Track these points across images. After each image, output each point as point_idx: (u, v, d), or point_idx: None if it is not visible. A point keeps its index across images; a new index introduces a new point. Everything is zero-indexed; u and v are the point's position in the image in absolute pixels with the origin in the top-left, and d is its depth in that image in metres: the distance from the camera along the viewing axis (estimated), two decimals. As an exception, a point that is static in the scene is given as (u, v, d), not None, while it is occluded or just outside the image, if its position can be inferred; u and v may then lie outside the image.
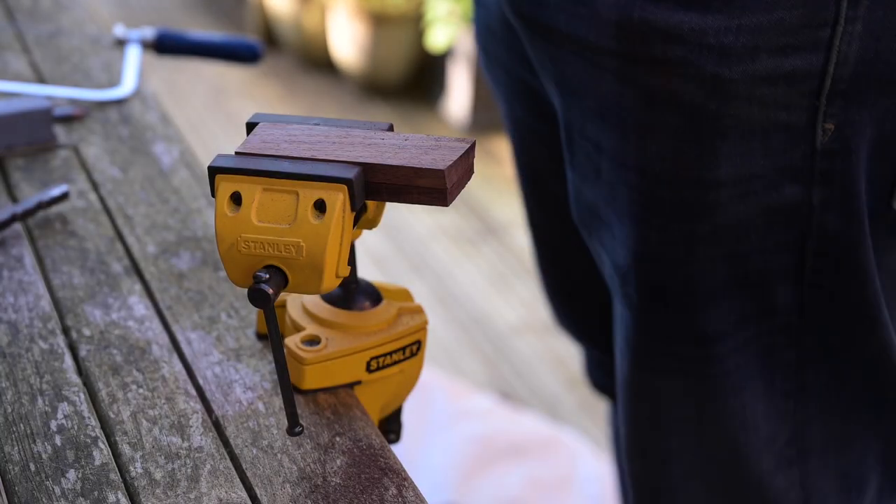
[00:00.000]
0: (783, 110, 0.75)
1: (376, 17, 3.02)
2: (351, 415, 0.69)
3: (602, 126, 0.82)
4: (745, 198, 0.79)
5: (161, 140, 0.99)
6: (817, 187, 0.78)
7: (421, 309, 0.72)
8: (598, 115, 0.82)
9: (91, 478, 0.63)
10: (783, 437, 0.90)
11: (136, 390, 0.70)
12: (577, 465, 1.83)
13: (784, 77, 0.74)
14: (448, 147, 0.62)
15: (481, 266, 2.45)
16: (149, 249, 0.84)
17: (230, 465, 0.65)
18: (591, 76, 0.80)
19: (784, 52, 0.73)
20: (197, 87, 3.27)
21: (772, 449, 0.90)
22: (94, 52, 1.15)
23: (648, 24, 0.74)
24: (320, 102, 3.18)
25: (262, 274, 0.60)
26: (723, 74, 0.74)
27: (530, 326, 2.23)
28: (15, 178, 0.92)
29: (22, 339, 0.74)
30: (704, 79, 0.74)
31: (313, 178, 0.60)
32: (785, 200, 0.79)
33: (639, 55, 0.76)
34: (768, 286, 0.83)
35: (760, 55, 0.73)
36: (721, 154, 0.77)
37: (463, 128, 2.98)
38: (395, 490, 0.63)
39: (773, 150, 0.77)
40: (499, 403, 1.98)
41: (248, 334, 0.76)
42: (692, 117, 0.76)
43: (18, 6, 1.25)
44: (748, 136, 0.76)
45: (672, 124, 0.77)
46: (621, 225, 0.84)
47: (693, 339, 0.86)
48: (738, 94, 0.75)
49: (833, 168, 0.78)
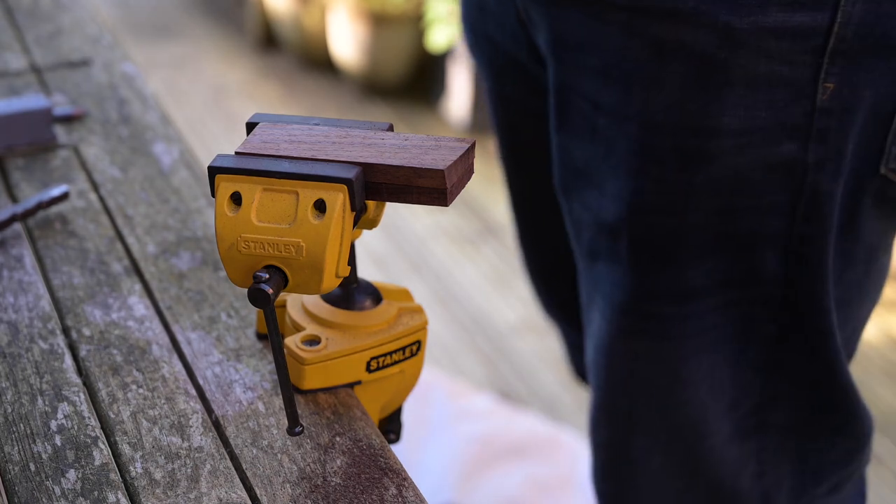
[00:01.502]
0: (787, 65, 0.77)
1: (376, 17, 3.02)
2: (351, 415, 0.69)
3: (603, 82, 0.83)
4: (744, 150, 0.81)
5: (161, 140, 0.99)
6: (813, 145, 0.80)
7: (421, 309, 0.72)
8: (599, 72, 0.83)
9: (91, 478, 0.63)
10: (746, 405, 0.91)
11: (136, 390, 0.70)
12: (577, 465, 1.83)
13: (791, 31, 0.76)
14: (448, 147, 0.62)
15: (481, 266, 2.45)
16: (149, 249, 0.84)
17: (230, 465, 0.65)
18: (595, 32, 0.82)
19: (793, 7, 0.75)
20: (197, 87, 3.27)
21: (732, 416, 0.91)
22: (94, 52, 1.15)
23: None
24: (320, 102, 3.18)
25: (262, 274, 0.60)
26: (733, 24, 0.76)
27: (530, 326, 2.23)
28: (15, 178, 0.92)
29: (22, 339, 0.74)
30: (716, 27, 0.77)
31: (313, 178, 0.60)
32: (782, 156, 0.81)
33: (649, 6, 0.78)
34: (756, 250, 0.85)
35: (770, 8, 0.75)
36: (726, 104, 0.79)
37: (463, 128, 2.98)
38: (395, 490, 0.63)
39: (776, 104, 0.79)
40: (498, 403, 1.98)
41: (248, 334, 0.76)
42: (700, 66, 0.79)
43: (18, 6, 1.25)
44: (753, 87, 0.78)
45: (679, 74, 0.80)
46: (615, 179, 0.86)
47: (677, 294, 0.87)
48: (746, 45, 0.77)
49: (829, 127, 0.79)
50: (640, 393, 0.94)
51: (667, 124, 0.82)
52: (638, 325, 0.90)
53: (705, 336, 0.89)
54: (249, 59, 3.44)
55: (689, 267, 0.86)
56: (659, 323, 0.89)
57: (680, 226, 0.85)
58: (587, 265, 0.93)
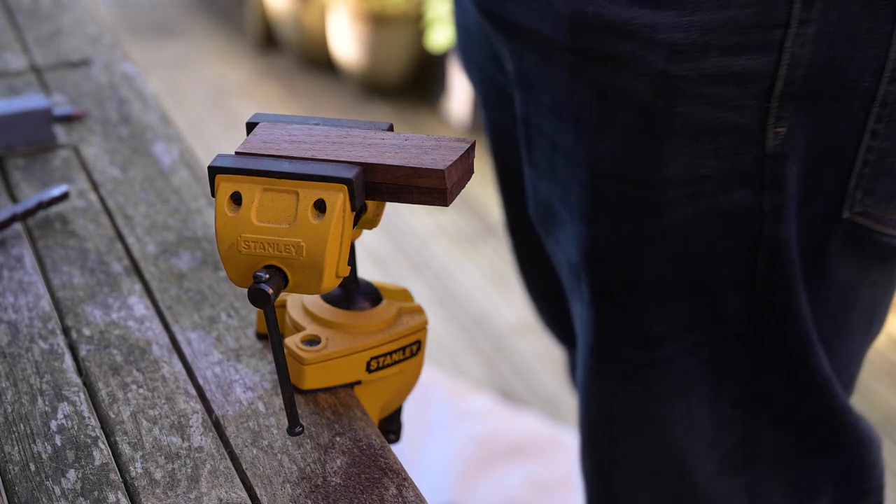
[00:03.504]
0: (733, 111, 0.74)
1: (376, 17, 3.02)
2: (351, 415, 0.69)
3: (557, 122, 0.81)
4: (693, 199, 0.78)
5: (161, 140, 0.99)
6: (768, 192, 0.77)
7: (421, 309, 0.72)
8: (553, 111, 0.81)
9: (91, 478, 0.63)
10: (730, 442, 0.89)
11: (136, 390, 0.70)
12: (576, 465, 1.83)
13: (734, 77, 0.73)
14: (448, 147, 0.62)
15: (481, 266, 2.45)
16: (149, 249, 0.84)
17: (230, 465, 0.65)
18: (547, 71, 0.80)
19: (734, 52, 0.72)
20: (197, 87, 3.27)
21: (716, 454, 0.89)
22: (94, 52, 1.15)
23: (601, 19, 0.74)
24: (320, 102, 3.18)
25: (262, 274, 0.60)
26: (672, 71, 0.73)
27: (530, 326, 2.23)
28: (15, 178, 0.92)
29: (22, 339, 0.74)
30: (653, 75, 0.73)
31: (313, 178, 0.60)
32: (735, 204, 0.78)
33: (591, 50, 0.76)
34: (719, 292, 0.82)
35: (710, 53, 0.72)
36: (669, 153, 0.76)
37: (463, 128, 2.98)
38: (395, 490, 0.63)
39: (723, 151, 0.76)
40: (499, 403, 1.98)
41: (248, 334, 0.76)
42: (641, 114, 0.76)
43: (18, 6, 1.25)
44: (697, 135, 0.75)
45: (622, 121, 0.77)
46: (573, 223, 0.84)
47: (640, 340, 0.85)
48: (686, 93, 0.74)
49: (784, 173, 0.76)
50: (616, 432, 0.92)
51: (613, 172, 0.79)
52: (605, 366, 0.88)
53: (676, 379, 0.86)
54: (249, 59, 3.44)
55: (650, 314, 0.84)
56: (627, 367, 0.87)
57: (635, 274, 0.82)
58: (569, 297, 0.92)
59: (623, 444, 0.93)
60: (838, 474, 0.91)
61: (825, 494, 0.92)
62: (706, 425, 0.88)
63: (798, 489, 0.92)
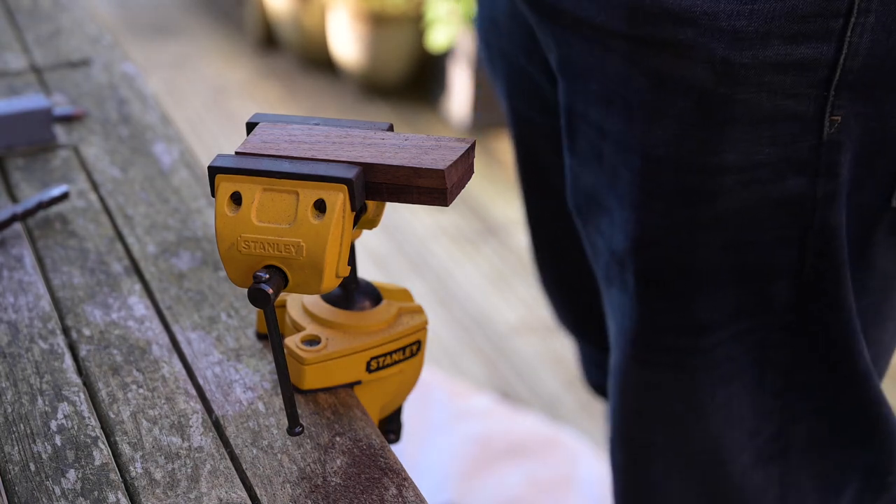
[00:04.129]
0: (792, 99, 0.75)
1: (376, 17, 3.02)
2: (351, 415, 0.69)
3: (607, 110, 0.81)
4: (748, 186, 0.79)
5: (161, 140, 0.99)
6: (821, 180, 0.78)
7: (421, 309, 0.72)
8: (603, 98, 0.81)
9: (91, 478, 0.63)
10: (767, 432, 0.90)
11: (136, 390, 0.70)
12: (577, 465, 1.83)
13: (794, 65, 0.74)
14: (448, 147, 0.62)
15: (481, 266, 2.45)
16: (149, 249, 0.84)
17: (230, 465, 0.65)
18: (598, 59, 0.80)
19: (795, 40, 0.73)
20: (197, 87, 3.26)
21: (754, 443, 0.90)
22: (94, 52, 1.15)
23: (660, 6, 0.74)
24: (320, 102, 3.18)
25: (262, 274, 0.60)
26: (733, 59, 0.74)
27: (530, 326, 2.23)
28: (15, 178, 0.92)
29: (22, 339, 0.74)
30: (715, 62, 0.74)
31: (313, 178, 0.60)
32: (789, 192, 0.79)
33: (649, 38, 0.76)
34: (767, 281, 0.83)
35: (772, 41, 0.73)
36: (727, 140, 0.77)
37: (463, 128, 2.98)
38: (395, 490, 0.63)
39: (780, 139, 0.77)
40: (499, 403, 1.98)
41: (248, 334, 0.76)
42: (700, 101, 0.76)
43: (18, 6, 1.25)
44: (756, 123, 0.76)
45: (679, 108, 0.77)
46: (621, 210, 0.84)
47: (687, 328, 0.86)
48: (747, 80, 0.74)
49: (838, 161, 0.77)
50: (653, 421, 0.92)
51: (668, 159, 0.79)
52: (648, 356, 0.88)
53: (719, 368, 0.86)
54: (249, 59, 3.44)
55: (698, 301, 0.84)
56: (669, 355, 0.87)
57: (686, 261, 0.83)
58: (605, 288, 0.92)
59: (660, 433, 0.92)
60: (868, 466, 0.92)
61: (852, 485, 0.93)
62: (746, 415, 0.88)
63: (828, 480, 0.92)
